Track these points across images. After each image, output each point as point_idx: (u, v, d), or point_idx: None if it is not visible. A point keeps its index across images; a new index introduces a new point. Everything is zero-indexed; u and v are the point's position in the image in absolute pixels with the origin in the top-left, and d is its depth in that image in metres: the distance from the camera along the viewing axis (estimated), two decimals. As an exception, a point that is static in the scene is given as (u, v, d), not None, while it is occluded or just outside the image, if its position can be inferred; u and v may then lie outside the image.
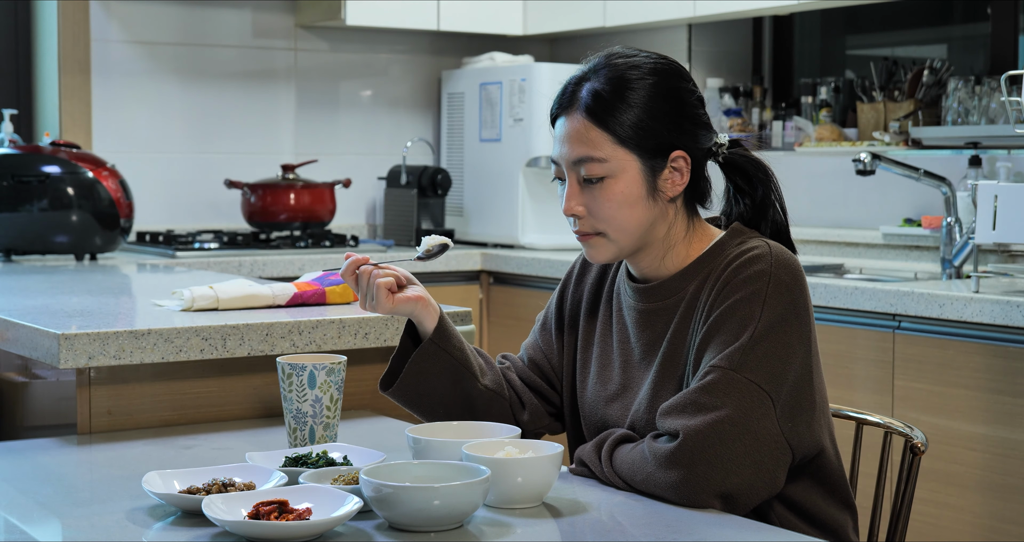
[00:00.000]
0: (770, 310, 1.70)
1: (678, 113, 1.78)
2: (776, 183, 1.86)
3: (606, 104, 1.76)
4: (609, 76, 1.78)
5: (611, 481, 1.72)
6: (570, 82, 1.81)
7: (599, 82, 1.77)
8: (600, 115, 1.76)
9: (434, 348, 1.87)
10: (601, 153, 1.76)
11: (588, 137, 1.77)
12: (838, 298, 3.31)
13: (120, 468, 1.87)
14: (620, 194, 1.76)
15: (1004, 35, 4.02)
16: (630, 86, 1.76)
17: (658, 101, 1.76)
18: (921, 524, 3.12)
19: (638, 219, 1.78)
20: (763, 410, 1.66)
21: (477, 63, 4.89)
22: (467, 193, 4.83)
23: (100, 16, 4.47)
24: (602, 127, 1.76)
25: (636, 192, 1.77)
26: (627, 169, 1.76)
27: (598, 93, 1.77)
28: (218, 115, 4.72)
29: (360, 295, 1.86)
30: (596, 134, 1.76)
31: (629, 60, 1.79)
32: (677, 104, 1.78)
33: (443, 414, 1.90)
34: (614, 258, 1.82)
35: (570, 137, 1.78)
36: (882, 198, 4.15)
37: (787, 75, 4.75)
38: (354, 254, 1.86)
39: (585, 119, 1.77)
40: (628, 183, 1.76)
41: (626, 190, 1.76)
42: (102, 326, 2.13)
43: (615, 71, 1.78)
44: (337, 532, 1.50)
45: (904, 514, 1.96)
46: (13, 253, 3.72)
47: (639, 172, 1.76)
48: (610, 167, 1.76)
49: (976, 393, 3.04)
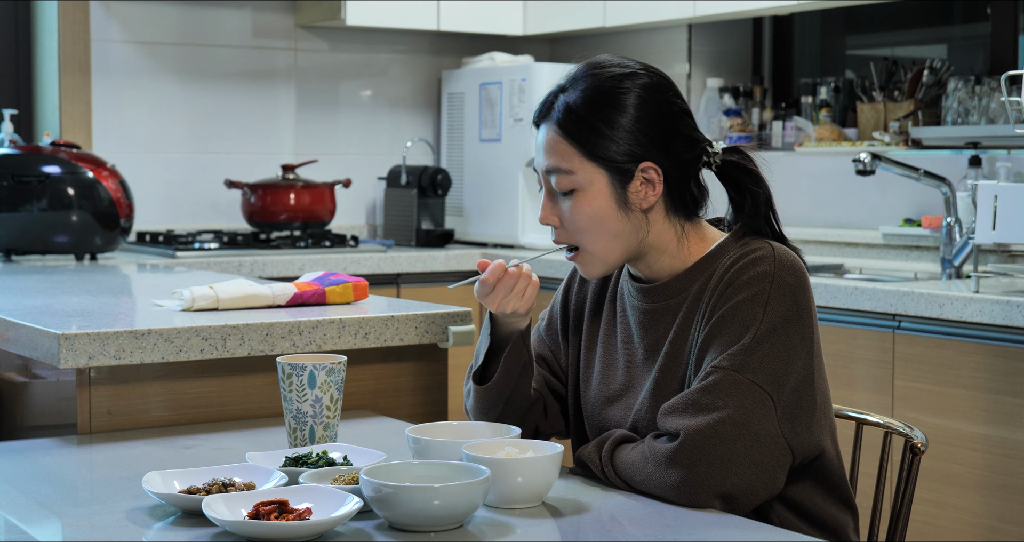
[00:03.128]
0: (772, 311, 1.70)
1: (655, 128, 1.77)
2: (768, 194, 1.84)
3: (577, 118, 1.76)
4: (585, 88, 1.78)
5: (611, 481, 1.73)
6: (551, 91, 1.82)
7: (574, 95, 1.78)
8: (570, 129, 1.77)
9: (521, 341, 1.88)
10: (569, 165, 1.77)
11: (558, 149, 1.78)
12: (838, 298, 3.31)
13: (120, 468, 1.87)
14: (588, 206, 1.77)
15: (1004, 35, 4.02)
16: (606, 101, 1.76)
17: (635, 117, 1.76)
18: (921, 524, 3.12)
19: (609, 231, 1.78)
20: (764, 411, 1.66)
21: (477, 63, 4.89)
22: (467, 193, 4.83)
23: (100, 16, 4.47)
24: (571, 140, 1.77)
25: (604, 205, 1.77)
26: (594, 182, 1.77)
27: (570, 107, 1.77)
28: (218, 115, 4.72)
29: (504, 291, 1.82)
30: (565, 147, 1.77)
31: (609, 71, 1.79)
32: (656, 119, 1.77)
33: (512, 415, 1.90)
34: (605, 272, 1.83)
35: (544, 146, 1.80)
36: (882, 198, 4.15)
37: (787, 75, 4.75)
38: (486, 261, 1.85)
39: (556, 132, 1.78)
40: (596, 196, 1.77)
41: (594, 203, 1.77)
42: (102, 326, 2.13)
43: (592, 83, 1.78)
44: (337, 532, 1.50)
45: (904, 514, 1.96)
46: (13, 253, 3.72)
47: (607, 185, 1.77)
48: (578, 180, 1.77)
49: (976, 393, 3.04)
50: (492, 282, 1.83)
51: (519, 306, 1.84)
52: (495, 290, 1.83)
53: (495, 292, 1.84)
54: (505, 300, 1.84)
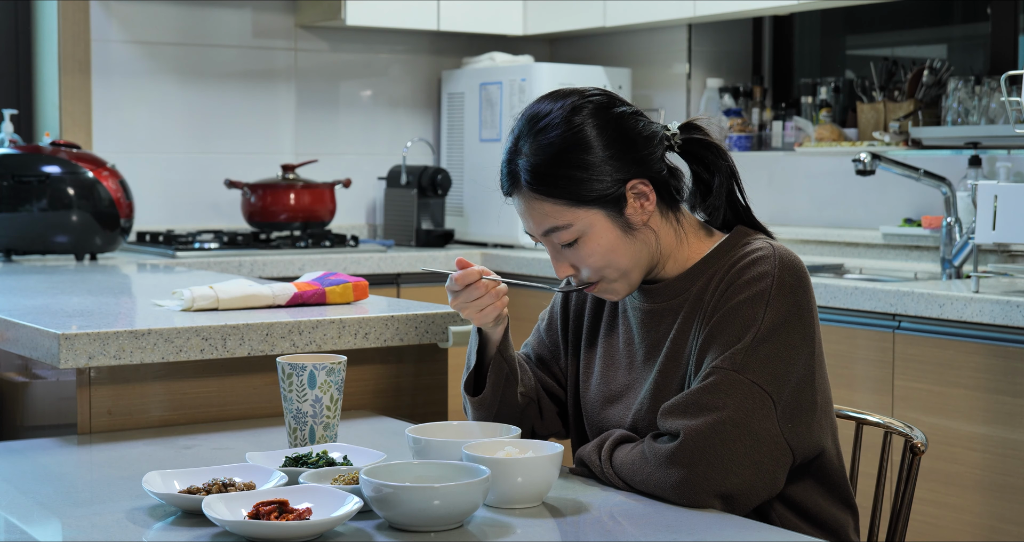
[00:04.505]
0: (773, 311, 1.70)
1: (622, 148, 1.76)
2: (731, 164, 1.84)
3: (545, 177, 1.75)
4: (539, 144, 1.76)
5: (611, 481, 1.73)
6: (505, 157, 1.80)
7: (532, 154, 1.76)
8: (545, 190, 1.75)
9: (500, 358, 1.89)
10: (563, 221, 1.76)
11: (544, 211, 1.77)
12: (838, 298, 3.31)
13: (120, 468, 1.87)
14: (599, 246, 1.77)
15: (1004, 35, 4.02)
16: (562, 147, 1.75)
17: (596, 149, 1.75)
18: (921, 524, 3.12)
19: (626, 257, 1.79)
20: (764, 411, 1.66)
21: (477, 63, 4.89)
22: (467, 193, 4.83)
23: (100, 16, 4.47)
24: (552, 199, 1.75)
25: (613, 237, 1.77)
26: (595, 224, 1.76)
27: (534, 168, 1.75)
28: (218, 115, 4.72)
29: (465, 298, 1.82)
30: (550, 207, 1.76)
31: (554, 114, 1.77)
32: (618, 138, 1.76)
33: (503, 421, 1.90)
34: (629, 292, 1.83)
35: (529, 213, 1.79)
36: (882, 198, 4.15)
37: (787, 75, 4.75)
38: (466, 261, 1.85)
39: (533, 196, 1.77)
40: (602, 234, 1.77)
41: (603, 240, 1.77)
42: (102, 326, 2.13)
43: (543, 135, 1.76)
44: (337, 532, 1.50)
45: (904, 514, 1.96)
46: (13, 253, 3.72)
47: (606, 220, 1.77)
48: (578, 229, 1.77)
49: (976, 393, 3.04)
50: (459, 286, 1.83)
51: (474, 318, 1.85)
52: (459, 295, 1.83)
53: (458, 297, 1.84)
54: (463, 307, 1.84)
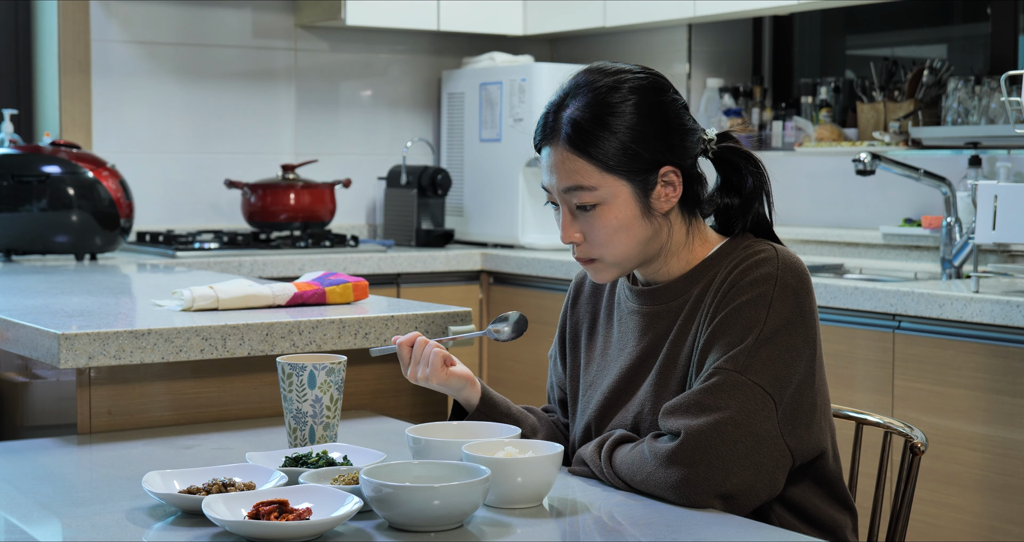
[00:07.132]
0: (776, 313, 1.70)
1: (663, 130, 1.75)
2: (766, 176, 1.84)
3: (587, 134, 1.73)
4: (588, 102, 1.74)
5: (611, 481, 1.73)
6: (550, 109, 1.78)
7: (578, 109, 1.74)
8: (582, 146, 1.73)
9: (480, 416, 1.89)
10: (590, 182, 1.74)
11: (574, 168, 1.74)
12: (838, 298, 3.31)
13: (120, 468, 1.87)
14: (615, 219, 1.75)
15: (1004, 35, 4.02)
16: (610, 111, 1.73)
17: (641, 122, 1.74)
18: (921, 524, 3.12)
19: (635, 240, 1.77)
20: (765, 413, 1.66)
21: (477, 63, 4.89)
22: (467, 193, 4.83)
23: (100, 16, 4.47)
24: (586, 157, 1.73)
25: (630, 214, 1.75)
26: (618, 195, 1.75)
27: (578, 123, 1.73)
28: (218, 115, 4.72)
29: (412, 363, 1.88)
30: (581, 165, 1.74)
31: (607, 80, 1.75)
32: (662, 121, 1.75)
33: None
34: (618, 276, 1.82)
35: (556, 167, 1.76)
36: (882, 198, 4.15)
37: (787, 75, 4.75)
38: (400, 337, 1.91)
39: (568, 150, 1.74)
40: (621, 207, 1.75)
41: (620, 214, 1.75)
42: (102, 326, 2.13)
43: (594, 95, 1.74)
44: (337, 532, 1.50)
45: (904, 514, 1.96)
46: (13, 253, 3.72)
47: (631, 195, 1.75)
48: (601, 195, 1.74)
49: (976, 393, 3.04)
50: (406, 350, 1.88)
51: (427, 374, 1.87)
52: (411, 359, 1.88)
53: (411, 362, 1.88)
54: (415, 368, 1.88)
